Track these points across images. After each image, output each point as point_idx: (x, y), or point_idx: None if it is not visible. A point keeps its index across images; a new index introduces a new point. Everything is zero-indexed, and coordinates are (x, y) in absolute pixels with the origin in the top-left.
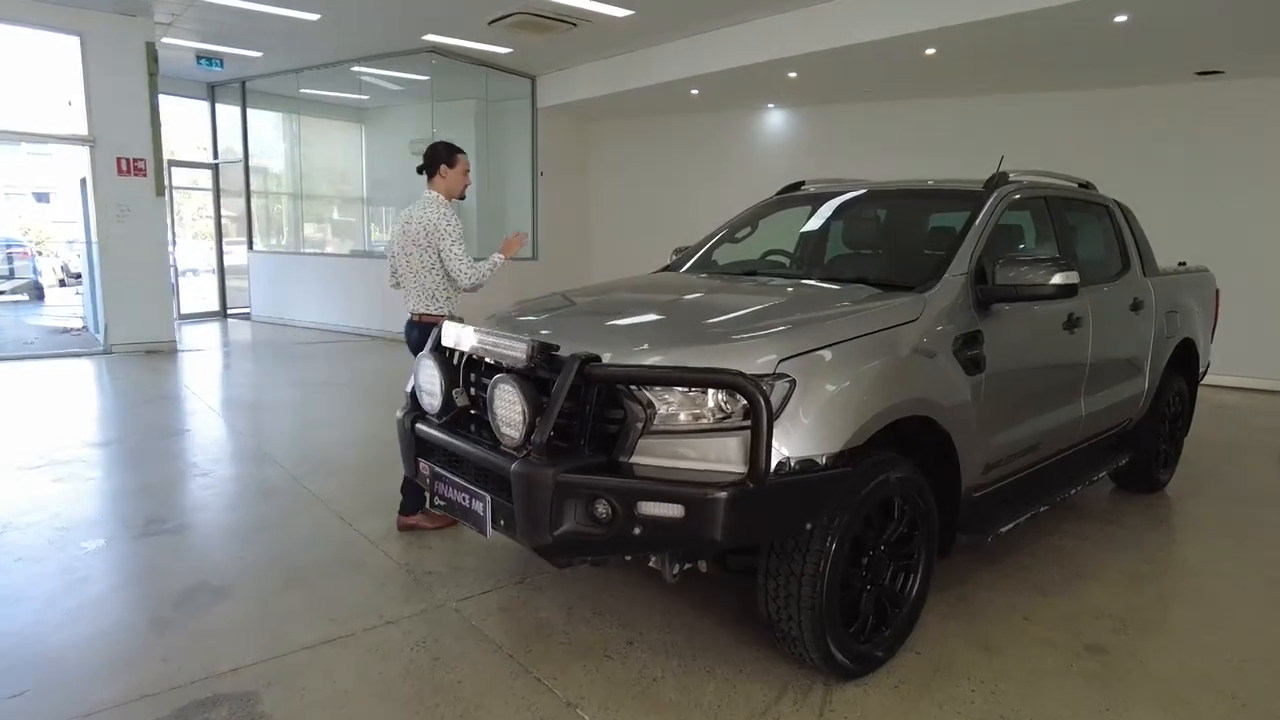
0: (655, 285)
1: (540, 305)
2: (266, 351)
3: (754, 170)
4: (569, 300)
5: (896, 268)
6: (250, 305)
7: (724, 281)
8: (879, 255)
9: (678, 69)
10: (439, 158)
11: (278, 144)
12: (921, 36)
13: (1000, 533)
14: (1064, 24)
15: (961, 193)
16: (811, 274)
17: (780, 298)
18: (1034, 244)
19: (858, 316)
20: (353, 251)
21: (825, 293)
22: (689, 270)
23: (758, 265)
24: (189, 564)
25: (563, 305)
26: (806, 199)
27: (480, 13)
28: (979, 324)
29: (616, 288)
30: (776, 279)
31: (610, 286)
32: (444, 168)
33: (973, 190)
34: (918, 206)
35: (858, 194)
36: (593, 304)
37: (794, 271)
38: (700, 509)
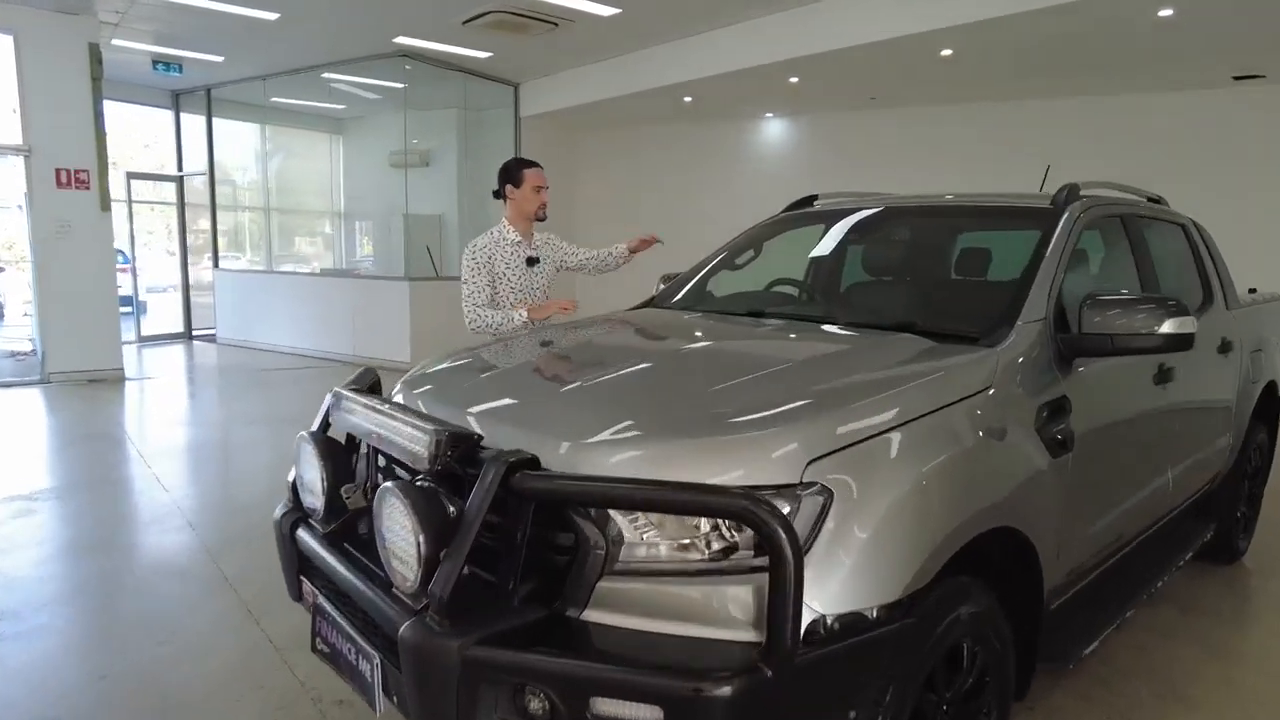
0: (632, 331)
1: (472, 363)
2: (225, 380)
3: (752, 184)
4: (512, 354)
5: (948, 309)
6: (216, 327)
7: (722, 325)
8: (920, 290)
9: (669, 74)
10: (502, 176)
11: (247, 155)
12: (938, 35)
13: (1085, 654)
14: (1101, 20)
15: (1024, 210)
16: (835, 314)
17: (799, 353)
18: (1103, 274)
19: (916, 387)
20: (324, 270)
21: (861, 346)
22: (678, 305)
23: (764, 300)
24: (25, 691)
25: (503, 361)
26: (820, 217)
27: (453, 11)
28: (1064, 387)
29: (581, 334)
30: (790, 322)
31: (573, 332)
32: (509, 188)
33: (1038, 207)
34: (967, 228)
35: (886, 211)
36: (544, 362)
37: (811, 310)
38: (688, 713)
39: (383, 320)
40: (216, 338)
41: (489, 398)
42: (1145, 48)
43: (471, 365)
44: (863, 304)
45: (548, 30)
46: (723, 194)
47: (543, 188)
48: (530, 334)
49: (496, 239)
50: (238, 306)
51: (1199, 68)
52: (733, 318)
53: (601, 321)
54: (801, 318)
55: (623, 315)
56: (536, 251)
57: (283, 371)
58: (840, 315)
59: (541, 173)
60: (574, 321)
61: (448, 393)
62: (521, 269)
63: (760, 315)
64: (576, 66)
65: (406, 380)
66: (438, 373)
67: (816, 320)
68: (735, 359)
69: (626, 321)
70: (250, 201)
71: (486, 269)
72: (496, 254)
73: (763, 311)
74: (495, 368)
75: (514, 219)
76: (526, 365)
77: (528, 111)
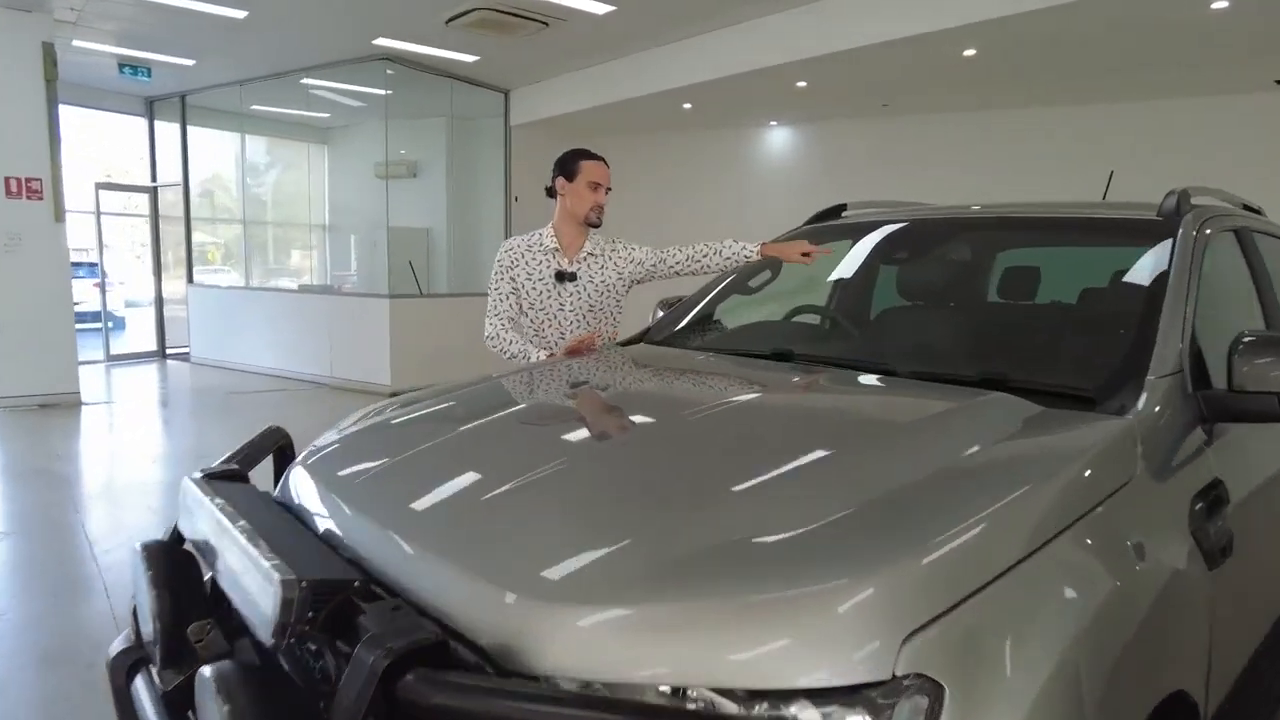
0: (619, 384)
1: (398, 429)
2: (191, 404)
3: (756, 196)
4: (456, 416)
5: (1045, 355)
6: (189, 345)
7: (738, 373)
8: (999, 327)
9: (668, 78)
10: (555, 168)
11: (226, 165)
12: (960, 33)
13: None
14: (1146, 13)
15: (1125, 224)
16: (887, 358)
17: (857, 425)
18: (1220, 305)
19: (1044, 488)
20: (303, 286)
21: (943, 413)
22: (679, 341)
23: (789, 335)
24: None
25: (440, 429)
26: (852, 231)
27: (434, 10)
28: (1213, 465)
29: (549, 387)
30: (830, 369)
31: (540, 382)
32: (561, 181)
33: (1143, 220)
34: (1048, 244)
35: (941, 224)
36: (495, 433)
37: (853, 350)
38: None
39: (362, 340)
40: (190, 357)
41: (400, 497)
42: (1192, 45)
43: (396, 434)
44: (924, 345)
45: (538, 31)
46: (725, 207)
47: (601, 185)
48: (487, 386)
49: (530, 242)
50: (212, 324)
51: (1246, 68)
52: (751, 360)
53: (577, 367)
54: (844, 362)
55: (607, 355)
56: (577, 266)
57: (254, 395)
58: (895, 359)
59: (604, 168)
60: (544, 363)
61: (345, 487)
62: (548, 284)
63: (786, 357)
64: (569, 72)
65: (304, 459)
66: (346, 446)
67: (865, 366)
68: (764, 434)
69: (611, 367)
70: (228, 214)
71: (509, 276)
72: (522, 260)
73: (790, 353)
74: (427, 440)
75: (560, 222)
76: (470, 440)
77: (519, 119)
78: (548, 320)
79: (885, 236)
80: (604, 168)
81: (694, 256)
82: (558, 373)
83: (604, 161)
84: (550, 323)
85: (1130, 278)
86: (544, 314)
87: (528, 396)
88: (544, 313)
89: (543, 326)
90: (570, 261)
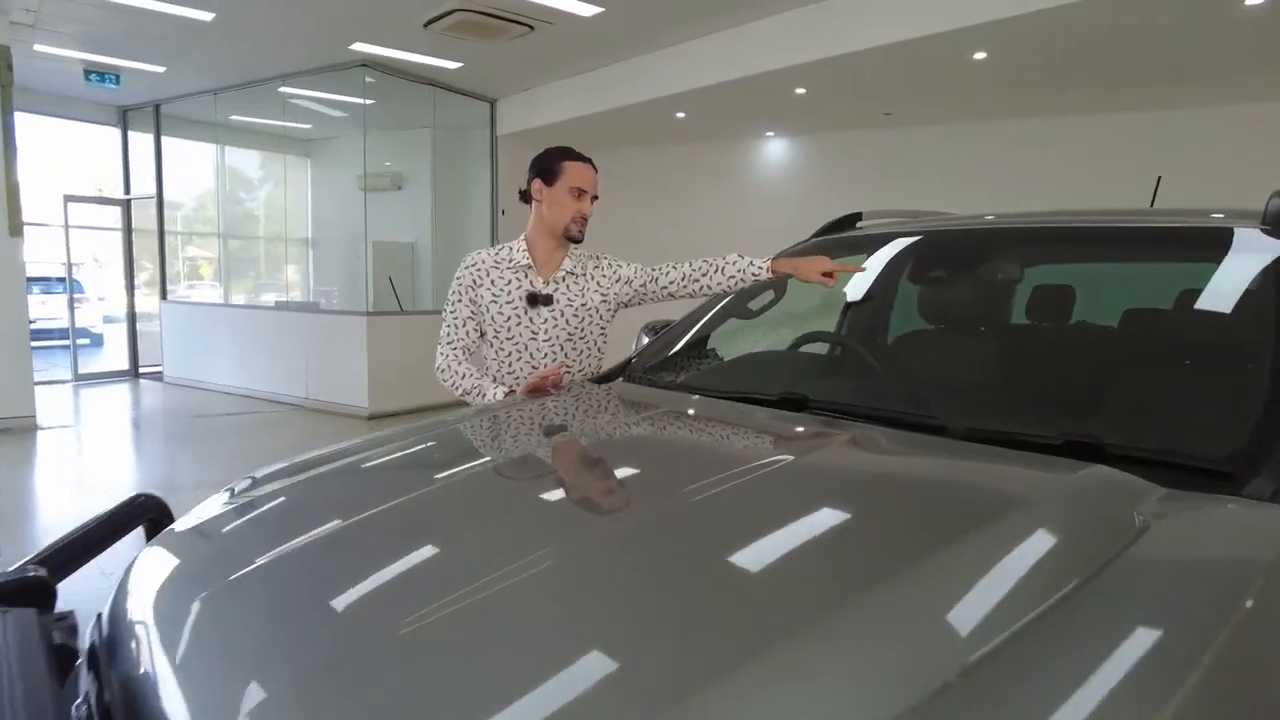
0: (580, 455)
1: (254, 530)
2: (154, 428)
3: (751, 211)
4: (339, 506)
5: (1145, 410)
6: (162, 364)
7: (739, 438)
8: (1074, 369)
9: (660, 85)
10: (531, 170)
11: (203, 178)
12: (971, 34)
13: None
14: (1175, 12)
15: (1214, 235)
16: (932, 408)
17: (920, 540)
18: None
19: (1201, 637)
20: (279, 303)
21: (1031, 511)
22: (666, 376)
23: (799, 372)
24: None
25: (317, 533)
26: (870, 244)
27: (412, 12)
28: None
29: (487, 454)
30: (861, 425)
31: (470, 449)
32: (538, 185)
33: (1248, 230)
34: (1122, 260)
35: (982, 236)
36: (391, 535)
37: (883, 396)
38: None
39: (338, 360)
40: (163, 376)
41: (267, 639)
42: (1220, 45)
43: (280, 519)
44: (977, 391)
45: (522, 34)
46: (719, 223)
47: (586, 193)
48: (414, 443)
49: (498, 257)
50: (186, 342)
51: (1268, 73)
52: (756, 409)
53: (538, 414)
54: (875, 414)
55: (578, 398)
56: (554, 287)
57: (225, 419)
58: (942, 410)
59: (590, 171)
60: (497, 407)
61: (181, 617)
62: (518, 308)
63: (799, 404)
64: (557, 80)
65: (141, 564)
66: (203, 540)
67: (903, 419)
68: (787, 537)
69: (581, 414)
70: (204, 228)
71: (470, 298)
72: (487, 279)
73: (804, 399)
74: (322, 530)
75: (535, 234)
76: (382, 534)
77: (505, 130)
78: (517, 351)
79: (916, 250)
80: (590, 171)
81: (691, 275)
82: (513, 422)
83: (591, 164)
84: (520, 354)
85: (1247, 302)
86: (512, 343)
87: (467, 461)
88: (512, 342)
89: (510, 358)
90: (546, 281)
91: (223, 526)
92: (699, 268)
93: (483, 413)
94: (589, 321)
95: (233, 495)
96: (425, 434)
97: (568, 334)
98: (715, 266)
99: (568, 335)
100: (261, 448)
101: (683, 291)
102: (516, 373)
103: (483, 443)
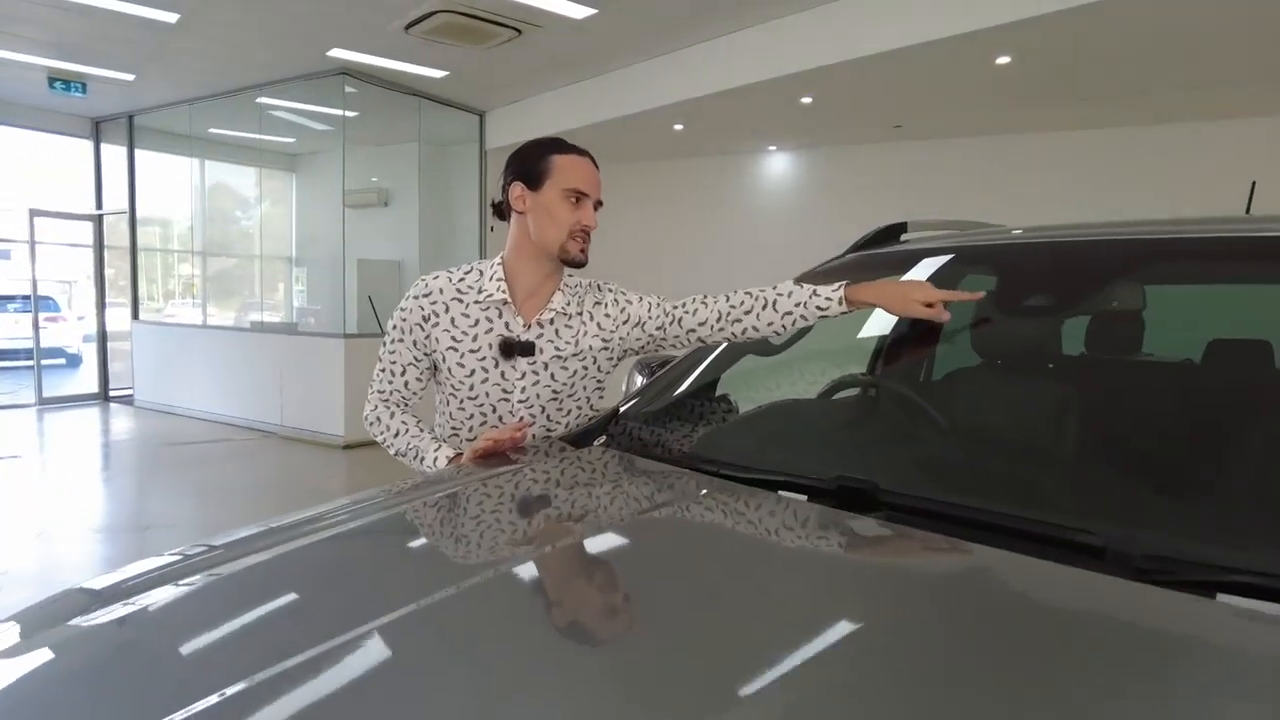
0: (546, 577)
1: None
2: (113, 459)
3: (755, 230)
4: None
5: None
6: (133, 387)
7: (779, 534)
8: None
9: (658, 94)
10: (506, 173)
11: (180, 193)
12: (995, 35)
13: None
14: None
15: None
16: (1057, 498)
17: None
18: None
19: None
20: (255, 324)
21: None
22: (664, 437)
23: (852, 441)
24: None
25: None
26: (913, 257)
27: (391, 14)
28: None
29: (412, 565)
30: (972, 546)
31: (387, 552)
32: (518, 191)
33: None
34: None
35: (1085, 248)
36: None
37: (994, 491)
38: None
39: (314, 385)
40: (134, 400)
41: None
42: (1260, 52)
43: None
44: (1171, 487)
45: (510, 39)
46: (717, 240)
47: (587, 196)
48: (317, 540)
49: (462, 285)
50: (159, 365)
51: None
52: (799, 503)
53: (489, 496)
54: (991, 522)
55: (546, 470)
56: (539, 332)
57: (190, 448)
58: (1118, 521)
59: (590, 167)
60: (437, 481)
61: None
62: (485, 358)
63: (863, 498)
64: (548, 90)
65: None
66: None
67: (1049, 537)
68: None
69: (551, 499)
70: (182, 245)
71: (418, 339)
72: (445, 316)
73: (872, 490)
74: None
75: (517, 258)
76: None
77: (495, 143)
78: (480, 414)
79: (1003, 270)
80: (590, 167)
81: (729, 314)
82: (456, 510)
83: (590, 158)
84: (484, 417)
85: None
86: (475, 403)
87: (383, 573)
88: (475, 401)
89: (472, 420)
90: (528, 325)
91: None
92: (741, 303)
93: (436, 487)
94: (581, 376)
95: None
96: (345, 521)
97: (552, 393)
98: (763, 301)
99: (552, 395)
100: (231, 475)
101: (718, 335)
102: (476, 438)
103: (433, 537)
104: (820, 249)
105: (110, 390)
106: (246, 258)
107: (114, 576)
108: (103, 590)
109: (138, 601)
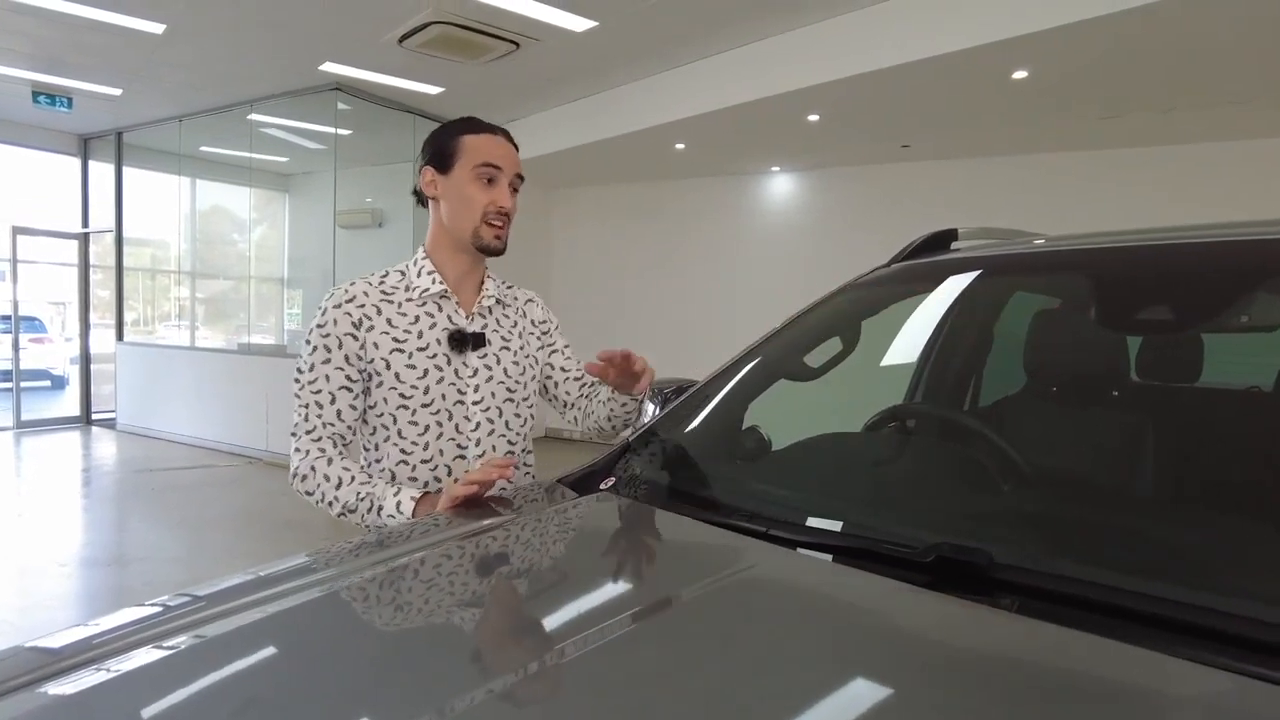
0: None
1: None
2: (86, 486)
3: (758, 252)
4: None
5: None
6: (116, 410)
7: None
8: None
9: (657, 112)
10: (421, 156)
11: (170, 212)
12: (1012, 47)
13: None
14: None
15: None
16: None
17: None
18: None
19: None
20: (242, 346)
21: None
22: (685, 489)
23: (939, 491)
24: None
25: None
26: (973, 269)
27: (384, 25)
28: None
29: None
30: (1126, 649)
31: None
32: (430, 175)
33: None
34: None
35: (1196, 251)
36: None
37: (1135, 568)
38: None
39: None
40: (116, 424)
41: None
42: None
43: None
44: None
45: (508, 53)
46: (718, 263)
47: (502, 172)
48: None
49: (387, 285)
50: (142, 387)
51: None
52: (881, 583)
53: (476, 560)
54: (1139, 611)
55: (547, 527)
56: (484, 323)
57: (168, 475)
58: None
59: (503, 144)
60: (411, 540)
61: None
62: (436, 355)
63: (974, 570)
64: (547, 109)
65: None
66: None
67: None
68: None
69: (548, 580)
70: (170, 265)
71: (350, 353)
72: (379, 318)
73: (985, 561)
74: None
75: (437, 246)
76: None
77: None
78: (437, 424)
79: (1099, 279)
80: (504, 144)
81: (583, 390)
82: (441, 579)
83: (506, 135)
84: (441, 429)
85: None
86: (431, 412)
87: (389, 654)
88: (430, 410)
89: (427, 437)
90: (469, 315)
91: None
92: (589, 382)
93: (411, 548)
94: (528, 374)
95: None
96: (350, 589)
97: (507, 391)
98: (594, 395)
99: (507, 394)
100: (207, 506)
101: (576, 406)
102: (435, 461)
103: (416, 639)
104: (820, 268)
105: (93, 413)
106: (238, 279)
107: (74, 634)
108: (61, 648)
109: (104, 666)
